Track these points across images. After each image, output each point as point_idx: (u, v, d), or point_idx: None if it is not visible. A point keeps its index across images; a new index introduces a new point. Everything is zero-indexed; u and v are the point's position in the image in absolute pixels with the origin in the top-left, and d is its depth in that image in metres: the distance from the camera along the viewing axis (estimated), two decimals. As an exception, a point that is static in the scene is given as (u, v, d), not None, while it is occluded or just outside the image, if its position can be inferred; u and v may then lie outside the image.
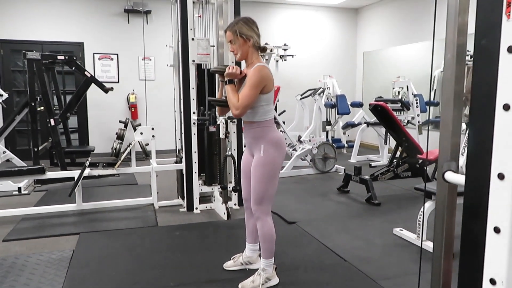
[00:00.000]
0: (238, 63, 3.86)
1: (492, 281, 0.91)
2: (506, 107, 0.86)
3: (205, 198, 4.64)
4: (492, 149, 0.90)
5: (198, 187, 4.36)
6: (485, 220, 0.93)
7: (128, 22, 7.76)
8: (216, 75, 3.48)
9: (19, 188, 5.05)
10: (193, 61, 4.18)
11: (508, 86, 0.85)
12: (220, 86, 2.84)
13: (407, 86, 6.78)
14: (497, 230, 0.90)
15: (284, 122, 6.79)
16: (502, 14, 0.85)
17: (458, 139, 1.34)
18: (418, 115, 6.59)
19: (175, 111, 4.96)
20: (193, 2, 4.48)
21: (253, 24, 2.61)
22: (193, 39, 4.16)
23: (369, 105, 4.84)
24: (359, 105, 7.43)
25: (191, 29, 4.16)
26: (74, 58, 5.58)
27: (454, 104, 1.33)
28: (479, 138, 0.98)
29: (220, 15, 4.39)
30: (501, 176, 0.88)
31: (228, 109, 2.68)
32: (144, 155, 7.37)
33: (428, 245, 2.96)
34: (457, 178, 1.14)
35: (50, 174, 4.19)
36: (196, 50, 4.19)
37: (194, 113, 4.24)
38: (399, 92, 7.92)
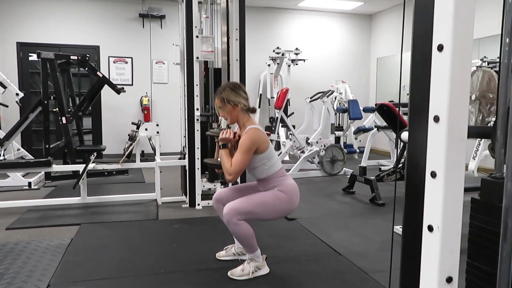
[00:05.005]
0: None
1: (430, 228, 0.89)
2: (436, 119, 0.85)
3: (208, 196, 4.64)
4: (429, 96, 0.89)
5: (201, 183, 4.39)
6: (425, 168, 0.91)
7: (143, 27, 7.93)
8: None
9: (29, 183, 5.18)
10: (197, 58, 4.23)
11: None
12: (217, 147, 2.87)
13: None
14: (433, 174, 0.88)
15: (294, 126, 6.79)
16: None
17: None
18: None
19: (180, 109, 5.02)
20: (199, 2, 4.58)
21: (239, 89, 2.66)
22: (197, 36, 4.23)
23: (375, 105, 4.79)
24: (372, 110, 7.35)
25: (195, 26, 4.23)
26: (87, 58, 5.71)
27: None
28: (418, 89, 0.97)
29: (224, 18, 4.45)
30: (436, 119, 0.87)
31: None
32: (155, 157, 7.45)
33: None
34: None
35: (56, 168, 4.29)
36: (200, 48, 4.25)
37: (197, 109, 4.29)
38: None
